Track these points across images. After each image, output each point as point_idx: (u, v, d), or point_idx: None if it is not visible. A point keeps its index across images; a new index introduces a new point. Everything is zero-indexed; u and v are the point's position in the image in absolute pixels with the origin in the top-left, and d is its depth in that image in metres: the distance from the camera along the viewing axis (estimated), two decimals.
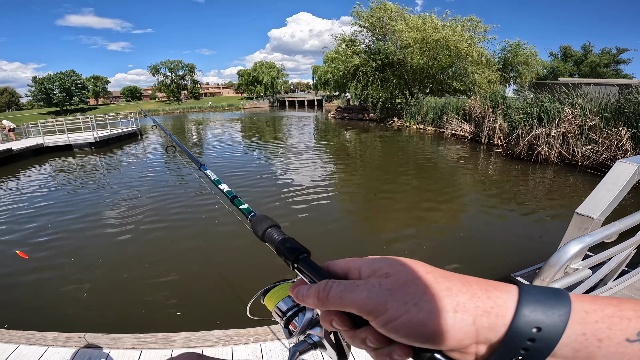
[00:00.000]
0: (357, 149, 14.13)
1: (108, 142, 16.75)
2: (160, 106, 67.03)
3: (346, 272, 0.33)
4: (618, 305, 0.23)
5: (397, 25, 20.71)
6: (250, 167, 10.44)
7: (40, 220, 6.17)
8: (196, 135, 22.25)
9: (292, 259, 0.39)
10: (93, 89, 73.43)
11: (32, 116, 47.94)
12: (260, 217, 0.51)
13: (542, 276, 1.25)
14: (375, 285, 0.28)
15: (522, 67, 23.85)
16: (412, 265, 0.29)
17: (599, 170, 8.21)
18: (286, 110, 54.99)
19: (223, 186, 0.81)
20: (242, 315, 3.01)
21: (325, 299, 0.29)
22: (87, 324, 3.09)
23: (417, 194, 7.32)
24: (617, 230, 1.28)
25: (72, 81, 63.44)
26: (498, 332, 0.24)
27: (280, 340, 2.18)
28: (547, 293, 0.25)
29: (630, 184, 1.64)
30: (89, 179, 9.53)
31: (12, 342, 2.43)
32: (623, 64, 34.82)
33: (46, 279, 4.11)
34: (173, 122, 35.83)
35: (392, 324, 0.25)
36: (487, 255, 4.42)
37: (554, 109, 9.72)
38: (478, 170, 9.48)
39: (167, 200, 6.96)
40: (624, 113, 8.47)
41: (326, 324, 0.31)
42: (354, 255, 1.42)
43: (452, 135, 15.60)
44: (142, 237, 5.26)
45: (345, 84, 25.96)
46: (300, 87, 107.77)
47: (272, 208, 6.38)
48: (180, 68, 74.52)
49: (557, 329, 0.23)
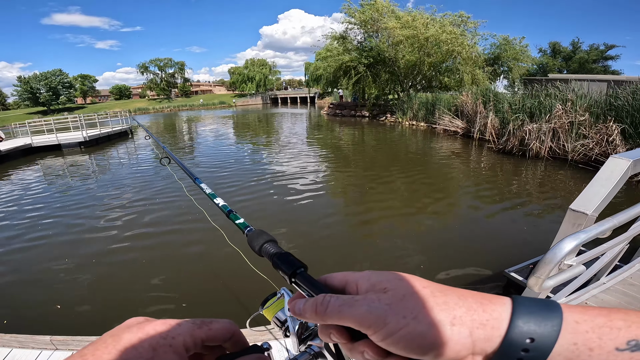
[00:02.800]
0: (349, 145, 14.13)
1: (98, 141, 16.55)
2: (151, 104, 66.27)
3: (343, 286, 0.33)
4: (608, 315, 0.24)
5: (388, 22, 20.75)
6: (242, 163, 10.40)
7: (30, 221, 6.09)
8: (187, 134, 22.04)
9: (289, 273, 0.39)
10: (80, 88, 72.25)
11: (19, 116, 47.03)
12: (257, 232, 0.52)
13: (537, 273, 1.25)
14: (375, 300, 0.28)
15: (512, 63, 24.06)
16: (409, 280, 0.29)
17: (590, 165, 8.35)
18: (279, 108, 54.82)
19: (218, 200, 0.80)
20: (239, 316, 2.99)
21: (323, 314, 0.30)
22: (80, 328, 3.05)
23: (408, 191, 7.36)
24: (612, 226, 1.29)
25: (59, 80, 62.34)
26: (493, 344, 0.25)
27: (278, 341, 2.18)
28: (539, 305, 0.25)
29: (623, 179, 1.66)
30: (78, 179, 9.40)
31: (5, 346, 2.40)
32: (611, 60, 35.27)
33: (41, 280, 4.05)
34: (164, 121, 35.47)
35: (392, 338, 0.26)
36: (480, 251, 4.45)
37: (546, 105, 9.84)
38: (470, 166, 9.56)
39: (158, 200, 6.90)
40: (614, 108, 8.60)
41: (324, 337, 0.31)
42: (344, 257, 1.42)
43: (445, 131, 15.70)
44: (137, 238, 5.21)
45: (337, 81, 25.96)
46: (293, 84, 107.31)
47: (266, 204, 6.36)
48: (171, 66, 73.62)
49: (549, 339, 0.24)
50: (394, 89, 24.52)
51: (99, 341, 0.29)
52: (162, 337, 0.29)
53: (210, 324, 0.32)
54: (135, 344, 0.28)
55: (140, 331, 0.29)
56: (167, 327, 0.30)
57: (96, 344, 0.28)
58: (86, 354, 0.27)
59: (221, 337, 0.33)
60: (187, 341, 0.30)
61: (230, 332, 0.33)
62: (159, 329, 0.30)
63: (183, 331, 0.30)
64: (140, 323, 0.31)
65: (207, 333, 0.32)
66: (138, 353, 0.27)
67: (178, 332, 0.30)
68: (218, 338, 0.33)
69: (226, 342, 0.33)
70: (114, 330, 0.30)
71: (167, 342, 0.29)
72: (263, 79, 71.24)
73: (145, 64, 71.57)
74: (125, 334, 0.29)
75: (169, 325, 0.30)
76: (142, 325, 0.30)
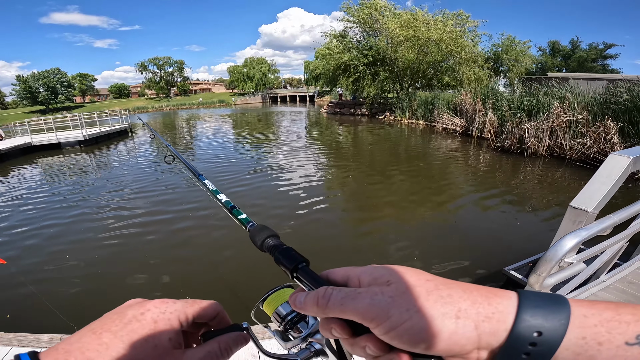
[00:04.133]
0: (348, 143, 14.13)
1: (97, 140, 16.52)
2: (150, 103, 66.20)
3: (345, 280, 0.32)
4: (616, 309, 0.24)
5: (388, 22, 20.71)
6: (242, 160, 10.35)
7: (30, 221, 6.08)
8: (187, 131, 22.01)
9: (291, 268, 0.39)
10: (79, 87, 72.19)
11: (18, 115, 46.94)
12: (259, 227, 0.51)
13: (539, 271, 1.25)
14: (377, 293, 0.28)
15: (512, 63, 24.06)
16: (413, 274, 0.29)
17: (587, 163, 8.36)
18: (278, 106, 54.78)
19: (221, 196, 0.80)
20: (238, 314, 3.00)
21: (325, 306, 0.29)
22: (80, 325, 3.05)
23: (408, 188, 7.36)
24: (612, 224, 1.30)
25: (58, 79, 62.27)
26: (499, 337, 0.24)
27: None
28: (546, 298, 0.25)
29: (624, 177, 1.66)
30: (78, 178, 9.39)
31: (5, 345, 2.39)
32: (610, 59, 35.26)
33: (39, 280, 4.04)
34: (163, 119, 35.43)
35: (395, 331, 0.26)
36: (478, 249, 4.45)
37: (544, 103, 9.85)
38: (469, 164, 9.56)
39: (160, 198, 6.90)
40: (611, 107, 8.61)
41: (326, 331, 0.31)
42: (345, 252, 1.42)
43: (444, 129, 15.71)
44: (136, 237, 5.21)
45: (336, 79, 25.93)
46: (292, 82, 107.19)
47: (265, 201, 6.36)
48: (169, 65, 73.58)
49: (557, 333, 0.23)
50: (393, 88, 24.50)
51: (105, 317, 0.32)
52: (161, 312, 0.33)
53: (200, 303, 0.36)
54: (139, 317, 0.31)
55: (142, 307, 0.33)
56: (164, 304, 0.33)
57: (103, 320, 0.31)
58: (95, 327, 0.30)
59: (209, 315, 0.36)
60: (181, 317, 0.33)
61: (216, 312, 0.37)
62: (157, 305, 0.33)
63: (178, 307, 0.34)
64: (140, 302, 0.34)
65: (197, 311, 0.35)
66: (141, 325, 0.31)
67: (174, 308, 0.34)
68: (206, 316, 0.36)
69: (212, 320, 0.37)
70: (117, 309, 0.33)
71: (165, 316, 0.32)
72: (262, 78, 71.19)
73: (144, 62, 71.53)
74: (129, 310, 0.32)
75: (166, 303, 0.34)
76: (142, 303, 0.33)
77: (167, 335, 0.31)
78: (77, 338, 0.29)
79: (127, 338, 0.30)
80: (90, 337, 0.29)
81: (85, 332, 0.30)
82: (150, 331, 0.31)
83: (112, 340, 0.29)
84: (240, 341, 0.37)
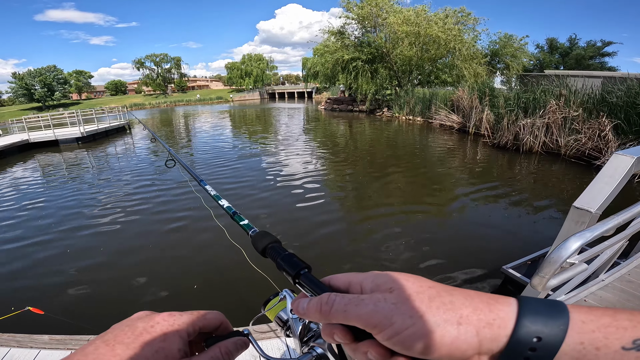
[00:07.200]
0: (347, 139, 14.12)
1: (95, 137, 16.44)
2: (147, 100, 65.88)
3: (347, 287, 0.33)
4: (614, 315, 0.25)
5: (389, 18, 20.63)
6: (239, 156, 10.30)
7: (29, 219, 6.06)
8: (184, 128, 21.91)
9: (293, 274, 0.39)
10: (76, 84, 71.73)
11: (14, 112, 46.71)
12: (261, 234, 0.52)
13: (542, 272, 1.25)
14: (381, 300, 0.28)
15: (509, 60, 24.03)
16: (415, 280, 0.30)
17: (582, 160, 8.40)
18: (276, 102, 54.66)
19: (223, 202, 0.80)
20: (237, 313, 2.98)
21: (329, 312, 0.30)
22: (79, 326, 3.04)
23: (403, 185, 7.36)
24: (617, 224, 1.29)
25: (54, 76, 61.89)
26: (500, 343, 0.25)
27: (280, 338, 2.17)
28: (546, 304, 0.26)
29: (627, 176, 1.65)
30: (75, 175, 9.33)
31: (4, 345, 2.38)
32: (608, 57, 35.22)
33: (38, 279, 4.03)
34: (160, 116, 35.28)
35: (398, 337, 0.26)
36: (475, 247, 4.44)
37: (540, 100, 9.88)
38: (465, 161, 9.57)
39: (159, 199, 6.87)
40: (607, 104, 8.63)
41: (328, 337, 0.32)
42: (342, 252, 1.41)
43: (441, 125, 15.76)
44: (137, 237, 5.19)
45: (334, 76, 25.87)
46: (290, 79, 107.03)
47: (263, 198, 6.35)
48: (167, 61, 73.24)
49: (557, 338, 0.24)
50: (391, 84, 24.46)
51: (116, 329, 0.33)
52: (169, 325, 0.34)
53: (205, 314, 0.38)
54: (149, 329, 0.33)
55: (151, 320, 0.34)
56: (172, 317, 0.35)
57: (114, 332, 0.33)
58: (108, 339, 0.31)
59: (214, 326, 0.39)
60: (189, 329, 0.35)
61: (220, 321, 0.40)
62: (166, 318, 0.35)
63: (185, 320, 0.36)
64: (149, 314, 0.36)
65: (203, 322, 0.37)
66: (152, 337, 0.32)
67: (182, 320, 0.35)
68: (211, 326, 0.39)
69: (217, 329, 0.40)
70: (126, 321, 0.35)
71: (174, 328, 0.34)
72: (260, 74, 70.94)
73: (141, 59, 71.21)
74: (139, 322, 0.34)
75: (174, 316, 0.35)
76: (151, 316, 0.35)
77: (177, 346, 0.33)
78: (92, 350, 0.30)
79: (140, 350, 0.31)
80: (104, 348, 0.30)
81: (99, 344, 0.31)
82: (161, 343, 0.32)
83: (125, 351, 0.30)
84: (241, 346, 0.39)
